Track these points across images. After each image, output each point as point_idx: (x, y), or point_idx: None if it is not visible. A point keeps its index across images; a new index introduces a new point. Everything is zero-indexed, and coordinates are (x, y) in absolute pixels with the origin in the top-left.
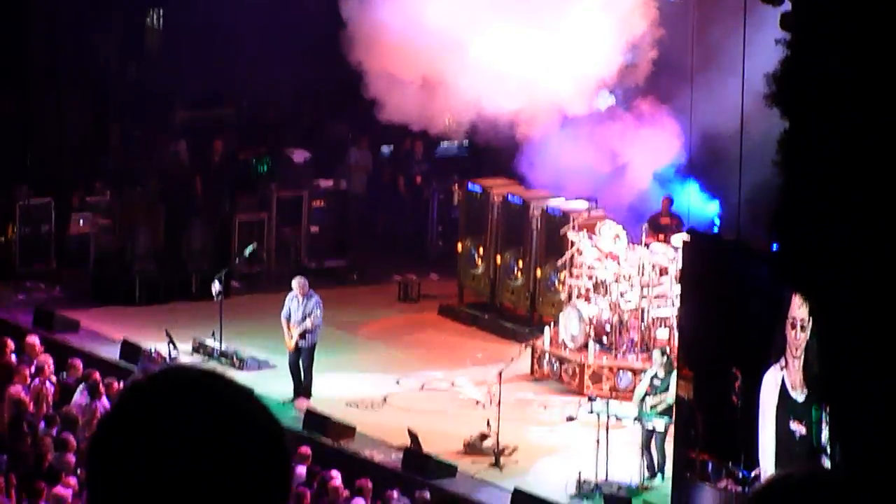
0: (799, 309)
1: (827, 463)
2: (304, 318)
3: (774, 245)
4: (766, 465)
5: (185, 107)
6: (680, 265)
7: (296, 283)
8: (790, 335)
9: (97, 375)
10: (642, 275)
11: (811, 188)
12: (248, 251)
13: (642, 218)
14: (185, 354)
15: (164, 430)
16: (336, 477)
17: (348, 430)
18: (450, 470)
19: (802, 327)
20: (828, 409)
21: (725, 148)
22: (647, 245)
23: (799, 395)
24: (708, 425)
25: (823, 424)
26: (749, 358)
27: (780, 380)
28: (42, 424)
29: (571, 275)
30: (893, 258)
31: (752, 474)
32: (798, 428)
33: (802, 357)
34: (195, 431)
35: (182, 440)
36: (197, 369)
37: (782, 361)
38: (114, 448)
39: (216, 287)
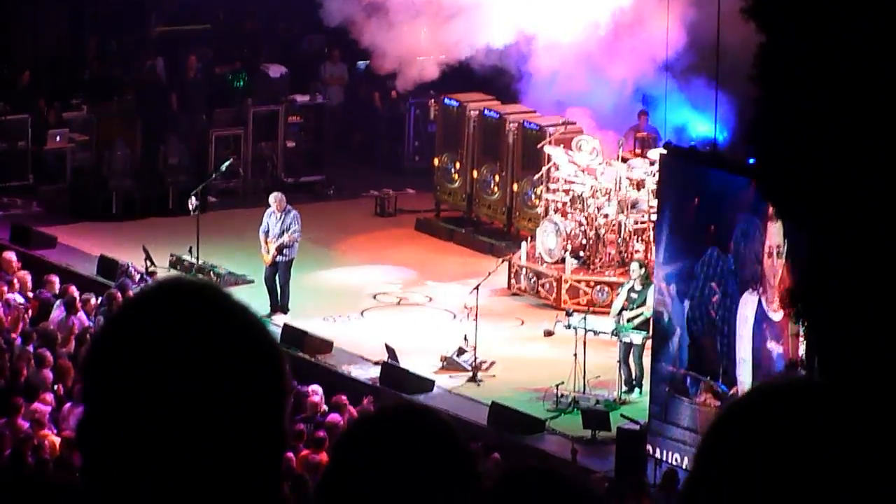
0: (775, 236)
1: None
2: (281, 233)
3: (750, 159)
4: (744, 381)
5: (161, 21)
6: (657, 179)
7: (273, 198)
8: (766, 263)
9: (74, 291)
10: (619, 189)
11: (789, 102)
12: (224, 166)
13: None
14: (162, 270)
15: (162, 342)
16: (315, 392)
17: (325, 345)
18: (427, 384)
19: (779, 254)
20: (805, 324)
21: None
22: (624, 159)
23: (776, 315)
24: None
25: (800, 339)
26: (727, 273)
27: (757, 302)
28: (19, 340)
29: (548, 189)
30: (872, 167)
31: (731, 391)
32: (775, 347)
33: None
34: (194, 343)
35: (182, 352)
36: (193, 281)
37: (759, 288)
38: (112, 362)
39: (193, 202)
